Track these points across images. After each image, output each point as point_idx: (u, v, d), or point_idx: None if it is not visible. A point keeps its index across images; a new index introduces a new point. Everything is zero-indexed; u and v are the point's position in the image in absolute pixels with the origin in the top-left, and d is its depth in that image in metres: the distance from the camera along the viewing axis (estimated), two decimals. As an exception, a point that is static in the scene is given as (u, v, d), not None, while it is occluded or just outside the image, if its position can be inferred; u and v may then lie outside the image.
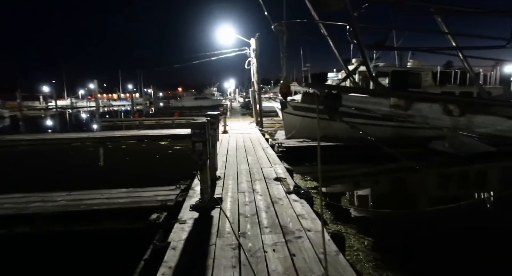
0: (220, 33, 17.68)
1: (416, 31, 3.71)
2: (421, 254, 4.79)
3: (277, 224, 4.40)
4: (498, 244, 5.05)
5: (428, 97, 2.59)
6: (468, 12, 3.10)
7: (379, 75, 13.77)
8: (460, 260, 4.62)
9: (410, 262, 4.54)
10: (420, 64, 14.19)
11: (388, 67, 13.98)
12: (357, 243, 4.79)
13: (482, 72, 15.21)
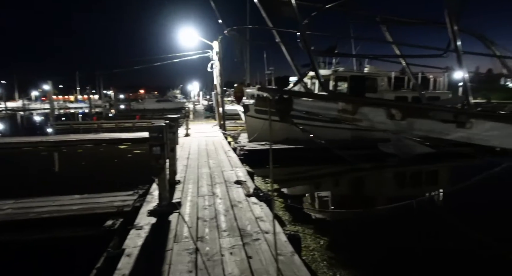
0: (183, 35, 17.45)
1: (362, 39, 3.90)
2: (373, 251, 5.01)
3: (235, 227, 4.42)
4: (446, 238, 5.39)
5: (373, 102, 2.74)
6: (410, 22, 3.32)
7: (339, 80, 14.24)
8: (409, 255, 4.88)
9: (363, 259, 4.73)
10: (376, 70, 14.84)
11: (347, 72, 14.48)
12: (313, 243, 4.92)
13: (432, 78, 16.17)
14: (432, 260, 4.64)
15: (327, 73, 14.12)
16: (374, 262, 4.67)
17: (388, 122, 2.76)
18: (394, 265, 4.62)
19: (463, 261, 4.53)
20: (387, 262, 4.69)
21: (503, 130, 2.79)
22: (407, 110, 2.69)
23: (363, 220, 6.09)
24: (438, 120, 2.79)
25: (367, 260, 4.71)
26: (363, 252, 4.95)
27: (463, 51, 2.63)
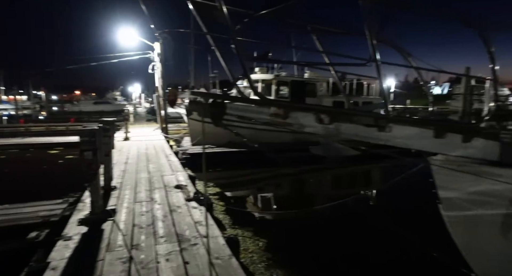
0: (123, 34, 16.66)
1: (293, 48, 4.07)
2: (310, 250, 5.22)
3: (173, 232, 4.33)
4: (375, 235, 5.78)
5: (302, 107, 2.87)
6: (338, 32, 3.55)
7: (281, 84, 14.65)
8: (344, 253, 5.16)
9: (300, 259, 4.91)
10: (315, 76, 15.53)
11: (288, 77, 14.95)
12: (252, 245, 4.99)
13: (366, 84, 17.32)
14: (364, 257, 4.95)
15: (269, 78, 14.46)
16: (311, 260, 4.87)
17: (317, 126, 2.91)
18: (330, 263, 4.85)
19: (391, 257, 4.89)
20: (323, 260, 4.91)
21: (416, 133, 3.09)
22: (334, 115, 2.86)
23: (302, 220, 6.32)
24: (362, 125, 3.02)
25: (304, 259, 4.89)
26: (300, 252, 5.13)
27: (382, 62, 2.88)
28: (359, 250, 5.12)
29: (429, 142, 3.08)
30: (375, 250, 5.06)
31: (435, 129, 3.07)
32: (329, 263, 4.82)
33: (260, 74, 15.01)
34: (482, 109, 4.15)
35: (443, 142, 3.09)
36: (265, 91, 14.98)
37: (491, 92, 3.47)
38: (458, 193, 3.24)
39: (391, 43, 3.66)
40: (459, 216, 3.31)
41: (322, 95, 14.95)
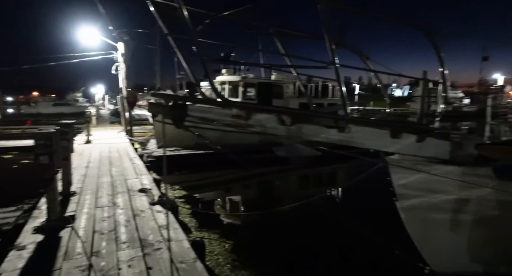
0: (85, 33, 15.95)
1: (256, 50, 4.12)
2: (276, 250, 5.27)
3: (136, 237, 4.21)
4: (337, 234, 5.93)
5: (264, 108, 2.90)
6: (299, 36, 3.62)
7: (248, 86, 14.70)
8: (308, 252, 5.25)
9: (265, 259, 4.95)
10: (282, 78, 15.71)
11: (255, 79, 15.02)
12: (218, 248, 4.97)
13: (331, 86, 17.75)
14: (328, 255, 5.06)
15: (236, 79, 14.46)
16: (277, 260, 4.92)
17: (279, 128, 2.96)
18: (295, 262, 4.92)
19: (353, 254, 5.02)
20: (288, 259, 4.97)
21: (373, 134, 3.22)
22: (295, 116, 2.92)
23: (269, 220, 6.37)
24: (323, 126, 3.10)
25: (270, 259, 4.93)
26: (266, 252, 5.17)
27: (340, 65, 2.98)
28: (323, 248, 5.23)
29: (386, 142, 3.22)
30: (338, 248, 5.19)
31: (391, 130, 3.21)
32: (295, 262, 4.89)
33: (227, 76, 14.98)
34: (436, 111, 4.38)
35: (399, 142, 3.23)
36: (232, 93, 14.97)
37: (442, 94, 3.67)
38: (413, 190, 3.41)
39: (350, 47, 3.80)
40: (414, 212, 3.48)
41: (289, 97, 15.15)
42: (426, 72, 6.01)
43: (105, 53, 17.56)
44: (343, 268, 4.63)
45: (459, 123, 25.02)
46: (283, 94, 15.11)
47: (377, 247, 3.82)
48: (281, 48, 3.36)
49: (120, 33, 3.13)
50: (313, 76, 13.40)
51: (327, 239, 5.49)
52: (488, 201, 3.29)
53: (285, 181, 11.90)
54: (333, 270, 4.65)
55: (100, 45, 16.81)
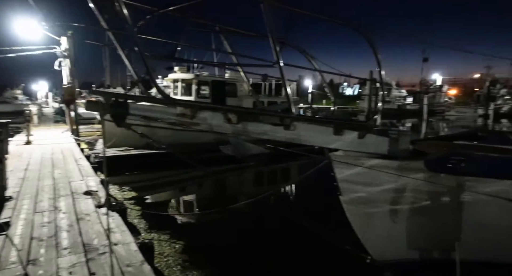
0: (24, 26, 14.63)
1: (201, 48, 4.08)
2: (228, 249, 5.28)
3: (79, 243, 4.00)
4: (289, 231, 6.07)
5: (210, 106, 2.88)
6: (246, 34, 3.64)
7: (201, 84, 14.52)
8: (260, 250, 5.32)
9: (217, 258, 4.94)
10: (235, 76, 15.71)
11: (209, 77, 14.88)
12: (168, 249, 4.88)
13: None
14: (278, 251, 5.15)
15: (189, 77, 14.24)
16: (228, 259, 4.93)
17: (225, 126, 2.96)
18: (246, 259, 4.96)
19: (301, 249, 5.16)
20: (239, 257, 5.00)
21: (317, 131, 3.34)
22: (241, 114, 2.94)
23: (221, 219, 6.36)
24: (269, 123, 3.15)
25: (222, 259, 4.93)
26: (218, 251, 5.16)
27: (285, 64, 3.04)
28: (273, 245, 5.32)
29: (329, 139, 3.34)
30: (287, 244, 5.31)
31: (334, 127, 3.34)
32: (246, 260, 4.93)
33: (180, 74, 14.69)
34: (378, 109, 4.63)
35: (341, 138, 3.38)
36: (186, 91, 14.71)
37: (380, 93, 3.89)
38: (355, 184, 3.58)
39: (296, 47, 3.90)
40: (356, 205, 3.66)
41: (243, 95, 15.20)
42: (372, 72, 6.32)
43: (47, 48, 16.35)
44: (290, 264, 4.75)
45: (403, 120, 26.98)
46: (237, 93, 15.14)
47: (324, 241, 3.98)
48: (227, 46, 3.37)
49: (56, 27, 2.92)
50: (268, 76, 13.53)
51: (276, 235, 5.59)
52: (421, 192, 3.55)
53: (238, 179, 11.96)
54: (281, 266, 4.75)
55: (42, 39, 15.60)
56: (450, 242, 3.54)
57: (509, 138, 4.55)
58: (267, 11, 2.57)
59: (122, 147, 11.88)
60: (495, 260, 3.61)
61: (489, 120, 38.55)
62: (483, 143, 4.74)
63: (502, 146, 4.51)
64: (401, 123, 37.06)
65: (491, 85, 47.48)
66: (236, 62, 3.38)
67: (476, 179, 3.37)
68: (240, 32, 3.52)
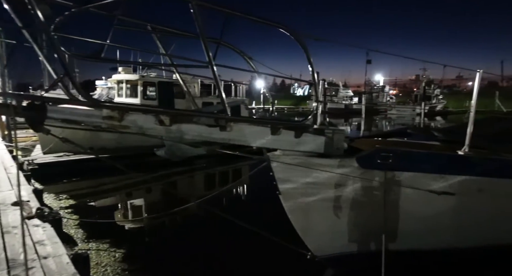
0: None
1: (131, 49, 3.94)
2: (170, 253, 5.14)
3: (3, 258, 3.66)
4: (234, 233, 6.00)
5: (140, 108, 2.78)
6: (180, 34, 3.57)
7: (147, 85, 14.05)
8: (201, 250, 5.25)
9: (158, 264, 4.79)
10: (183, 77, 15.37)
11: (155, 78, 14.43)
12: (107, 258, 4.63)
13: (233, 86, 18.07)
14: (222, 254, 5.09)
15: (134, 78, 13.71)
16: (170, 265, 4.79)
17: (158, 128, 2.87)
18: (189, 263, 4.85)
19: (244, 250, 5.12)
20: (182, 262, 4.87)
21: (255, 132, 3.35)
22: (174, 116, 2.86)
23: (166, 224, 6.20)
24: (204, 125, 3.10)
25: (163, 264, 4.79)
26: (160, 257, 5.00)
27: (218, 65, 3.02)
28: (216, 247, 5.26)
29: (267, 139, 3.37)
30: (231, 246, 5.27)
31: (271, 127, 3.38)
32: (186, 264, 4.83)
33: (124, 75, 14.08)
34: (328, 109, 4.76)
35: (279, 138, 3.42)
36: (131, 93, 14.16)
37: (316, 93, 4.01)
38: (294, 183, 3.65)
39: (233, 47, 3.89)
40: (296, 203, 3.74)
41: (192, 96, 14.92)
42: (318, 73, 6.52)
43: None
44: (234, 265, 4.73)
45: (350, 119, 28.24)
46: (185, 94, 14.84)
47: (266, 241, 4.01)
48: (160, 46, 3.27)
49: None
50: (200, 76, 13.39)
51: (219, 238, 5.52)
52: (355, 188, 3.72)
53: (186, 182, 11.77)
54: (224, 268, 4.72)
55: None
56: (385, 233, 3.75)
57: (433, 134, 4.93)
58: (196, 11, 2.53)
59: (61, 152, 11.13)
60: (420, 247, 3.89)
61: (425, 118, 41.71)
62: (412, 140, 5.10)
63: (427, 142, 4.88)
64: (348, 122, 38.89)
65: (426, 86, 51.42)
66: (170, 63, 3.30)
67: (402, 173, 3.61)
68: (174, 32, 3.44)
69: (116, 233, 5.78)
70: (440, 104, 54.12)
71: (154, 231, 6.15)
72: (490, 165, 3.74)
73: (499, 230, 4.00)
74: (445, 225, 3.85)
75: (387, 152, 3.51)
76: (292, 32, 2.99)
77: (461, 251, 3.98)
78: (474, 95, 3.86)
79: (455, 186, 3.63)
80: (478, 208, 3.81)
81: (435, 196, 3.59)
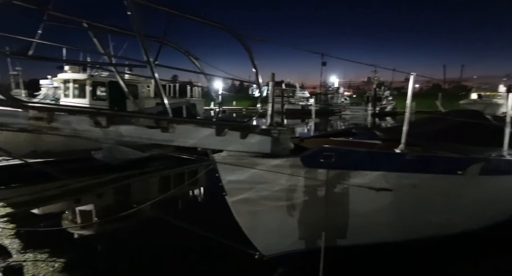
0: None
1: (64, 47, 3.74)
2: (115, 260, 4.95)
3: None
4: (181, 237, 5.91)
5: (74, 109, 2.64)
6: (118, 32, 3.44)
7: (97, 85, 13.46)
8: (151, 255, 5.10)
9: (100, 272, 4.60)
10: (135, 77, 14.91)
11: (106, 77, 13.84)
12: (45, 269, 4.33)
13: (189, 86, 17.85)
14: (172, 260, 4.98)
15: (82, 77, 13.06)
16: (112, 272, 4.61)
17: (94, 130, 2.73)
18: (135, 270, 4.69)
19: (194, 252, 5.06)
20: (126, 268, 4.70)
21: (198, 133, 3.32)
22: (110, 117, 2.75)
23: (109, 230, 5.98)
24: (144, 126, 3.01)
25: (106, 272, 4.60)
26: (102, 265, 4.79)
27: (159, 65, 2.96)
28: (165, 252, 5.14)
29: (212, 140, 3.35)
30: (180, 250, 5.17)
31: (216, 128, 3.36)
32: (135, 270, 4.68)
33: (71, 74, 13.35)
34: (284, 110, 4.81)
35: (224, 139, 3.41)
36: (80, 93, 13.48)
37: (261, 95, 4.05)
38: (240, 184, 3.66)
39: (177, 47, 3.83)
40: (242, 204, 3.75)
41: (145, 97, 14.54)
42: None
43: None
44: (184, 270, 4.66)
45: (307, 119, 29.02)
46: (139, 94, 14.41)
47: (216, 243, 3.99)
48: (98, 45, 3.13)
49: None
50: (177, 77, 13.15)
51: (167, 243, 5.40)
52: (301, 186, 3.81)
53: (139, 185, 11.41)
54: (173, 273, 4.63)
55: None
56: (328, 230, 3.88)
57: (375, 134, 5.18)
58: (131, 8, 2.45)
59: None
60: (362, 242, 4.07)
61: (377, 118, 43.96)
62: (356, 139, 5.33)
63: (370, 141, 5.13)
64: (305, 123, 39.88)
65: (377, 87, 54.14)
66: (109, 62, 3.17)
67: (344, 171, 3.75)
68: (113, 29, 3.31)
69: (59, 241, 5.44)
70: (389, 105, 57.25)
71: (101, 238, 5.87)
72: (423, 161, 4.01)
73: (431, 223, 4.30)
74: (384, 220, 4.06)
75: (330, 151, 3.63)
76: (234, 32, 3.00)
77: (399, 244, 4.22)
78: (408, 97, 4.11)
79: (392, 182, 3.84)
80: (413, 202, 4.07)
81: (374, 193, 3.77)
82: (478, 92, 51.81)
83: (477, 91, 54.34)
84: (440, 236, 4.41)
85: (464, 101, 47.93)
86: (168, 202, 7.76)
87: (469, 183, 4.36)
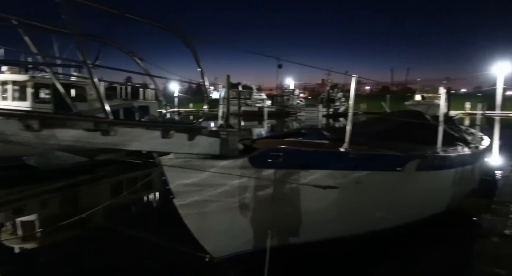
0: None
1: None
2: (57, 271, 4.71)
3: None
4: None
5: (1, 112, 2.46)
6: (53, 30, 3.27)
7: (40, 87, 12.63)
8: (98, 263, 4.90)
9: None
10: (84, 78, 14.19)
11: (50, 79, 13.00)
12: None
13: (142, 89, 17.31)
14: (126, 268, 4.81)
15: (23, 79, 12.17)
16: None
17: (25, 134, 2.56)
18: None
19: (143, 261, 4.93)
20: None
21: (143, 135, 3.23)
22: (44, 120, 2.60)
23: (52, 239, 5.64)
24: (82, 129, 2.88)
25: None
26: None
27: (96, 65, 2.84)
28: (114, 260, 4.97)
29: (157, 142, 3.27)
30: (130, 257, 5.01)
31: (162, 130, 3.29)
32: None
33: (9, 75, 12.38)
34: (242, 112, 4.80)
35: (170, 141, 3.34)
36: (20, 95, 12.55)
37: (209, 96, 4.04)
38: (187, 186, 3.62)
39: (120, 47, 3.70)
40: (191, 206, 3.70)
41: (93, 99, 13.85)
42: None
43: None
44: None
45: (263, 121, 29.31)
46: (87, 97, 13.72)
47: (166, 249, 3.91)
48: (30, 44, 2.93)
49: None
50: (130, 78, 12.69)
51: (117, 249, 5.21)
52: (250, 187, 3.84)
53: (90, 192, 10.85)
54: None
55: None
56: (277, 229, 3.95)
57: (323, 134, 5.38)
58: (62, 5, 2.33)
59: None
60: (311, 239, 4.19)
61: (330, 119, 45.59)
62: (305, 139, 5.49)
63: (318, 140, 5.30)
64: (262, 124, 40.31)
65: (331, 89, 56.15)
66: (42, 62, 2.98)
67: (291, 171, 3.84)
68: (47, 28, 3.12)
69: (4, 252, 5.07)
70: (342, 106, 59.57)
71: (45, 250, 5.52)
72: (365, 159, 4.22)
73: (375, 217, 4.53)
74: (331, 217, 4.21)
75: (277, 151, 3.70)
76: (177, 32, 2.96)
77: (346, 239, 4.40)
78: (351, 97, 4.31)
79: (338, 179, 3.99)
80: (357, 198, 4.26)
81: (321, 190, 3.89)
82: (422, 94, 55.65)
83: (420, 93, 58.42)
84: (383, 229, 4.66)
85: (409, 103, 51.48)
86: (118, 209, 7.44)
87: (407, 179, 4.66)
